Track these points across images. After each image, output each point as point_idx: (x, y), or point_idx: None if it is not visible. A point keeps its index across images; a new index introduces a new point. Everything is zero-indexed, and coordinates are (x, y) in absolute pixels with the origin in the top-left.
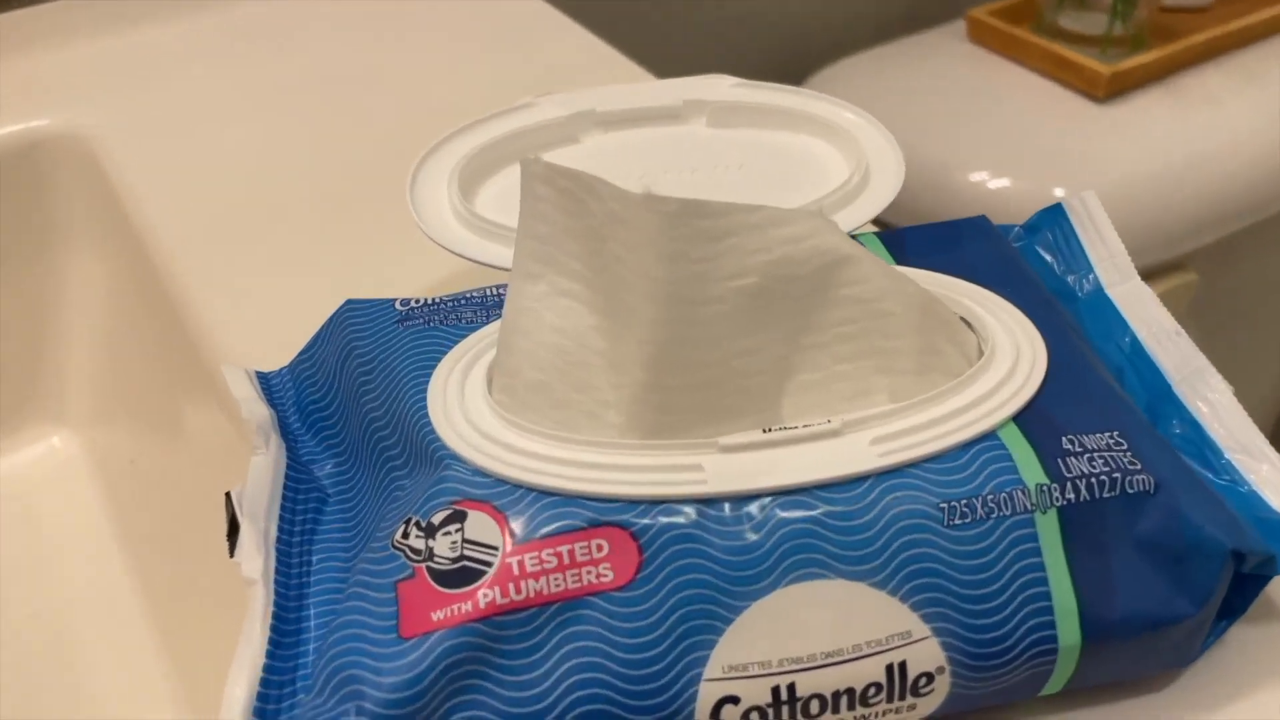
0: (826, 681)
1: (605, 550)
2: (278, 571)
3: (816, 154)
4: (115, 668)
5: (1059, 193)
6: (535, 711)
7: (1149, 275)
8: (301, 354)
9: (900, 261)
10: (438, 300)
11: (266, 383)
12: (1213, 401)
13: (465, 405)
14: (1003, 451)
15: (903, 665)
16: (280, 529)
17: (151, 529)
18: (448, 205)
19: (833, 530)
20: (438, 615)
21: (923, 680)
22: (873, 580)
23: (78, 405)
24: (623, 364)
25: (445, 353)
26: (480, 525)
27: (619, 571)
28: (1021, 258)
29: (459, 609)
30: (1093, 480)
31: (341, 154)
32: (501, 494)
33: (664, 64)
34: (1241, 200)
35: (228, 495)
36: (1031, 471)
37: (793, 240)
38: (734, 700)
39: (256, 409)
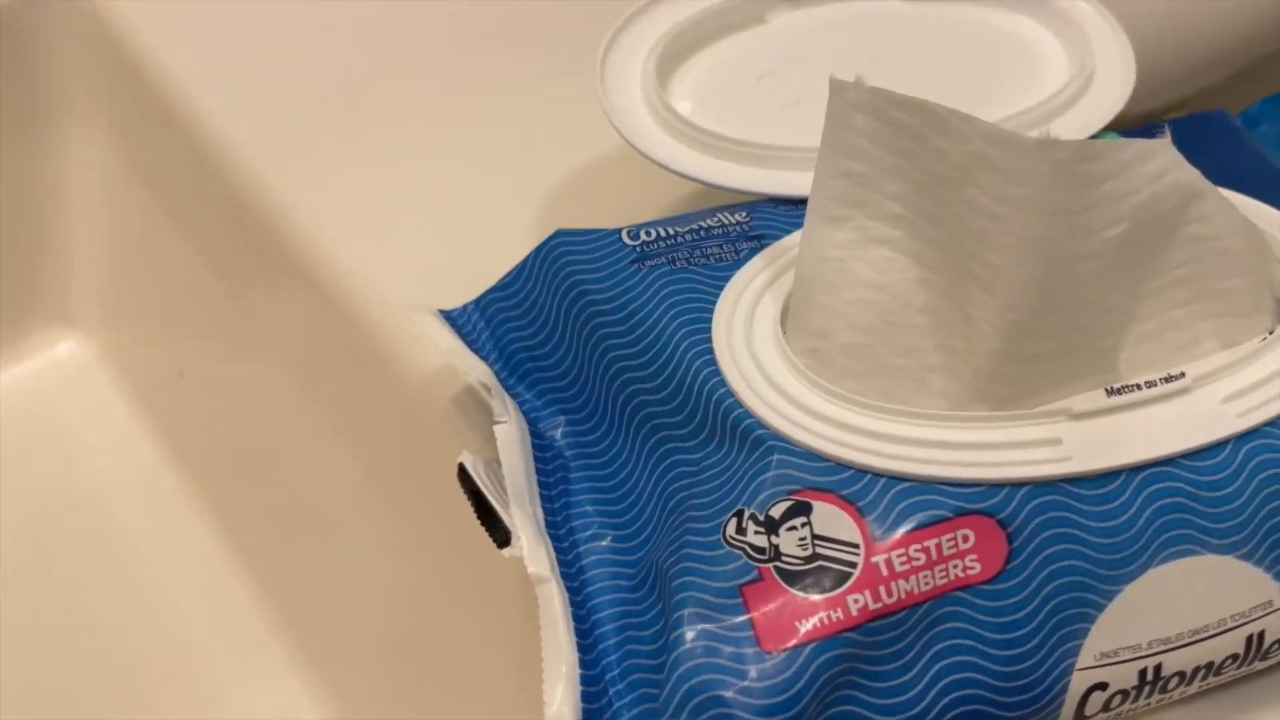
0: (1189, 658)
1: (971, 541)
2: (560, 562)
3: (1032, 41)
4: (185, 587)
5: None
6: (909, 718)
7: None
8: (496, 290)
9: None
10: (672, 232)
11: (453, 324)
12: None
13: (768, 373)
14: None
15: (1260, 635)
16: (545, 509)
17: (209, 445)
18: (643, 107)
19: (1202, 503)
20: (805, 625)
21: (1276, 646)
22: (1241, 552)
23: (87, 307)
24: (967, 328)
25: (710, 301)
26: (830, 519)
27: (986, 563)
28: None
29: (830, 617)
30: None
31: (425, 18)
32: (847, 481)
33: None
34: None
35: (461, 467)
36: None
37: (1156, 177)
38: (1102, 687)
39: (474, 365)
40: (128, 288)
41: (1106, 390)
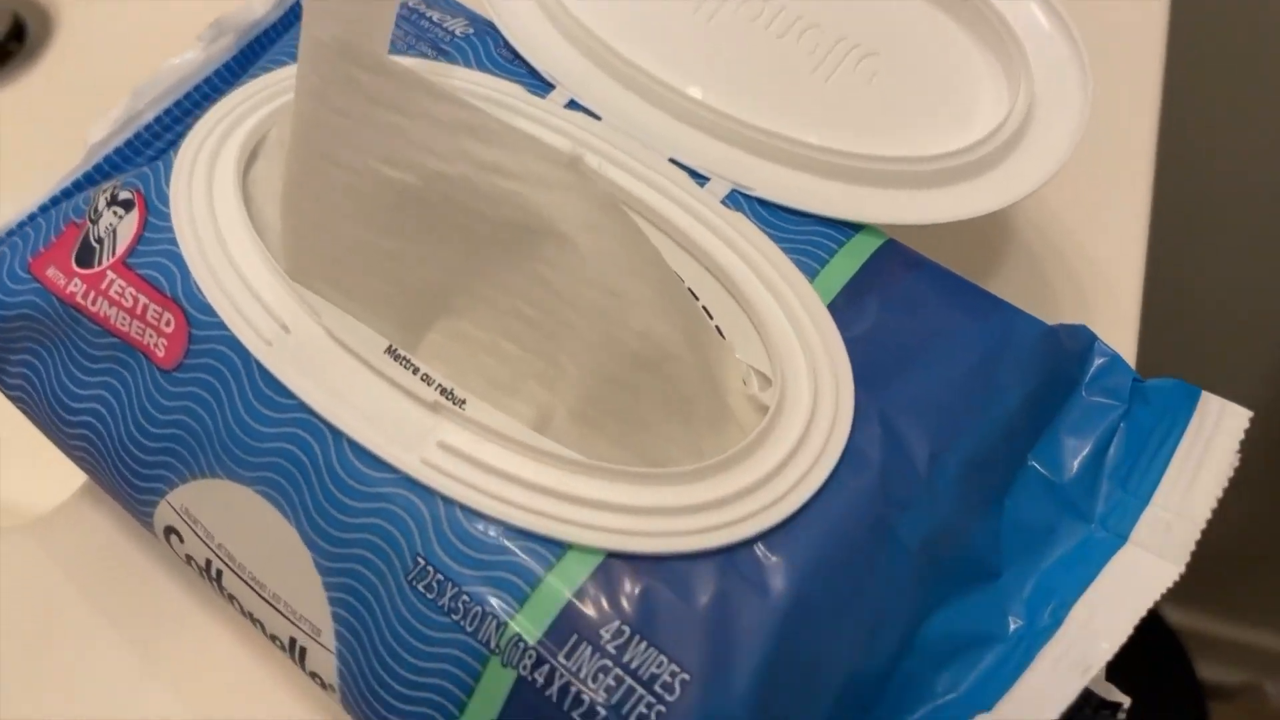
0: (247, 597)
1: (171, 326)
2: (121, 147)
3: (974, 70)
4: None
5: None
6: (61, 404)
7: None
8: None
9: (857, 292)
10: (406, 10)
11: None
12: None
13: (223, 130)
14: (536, 571)
15: (303, 650)
16: (158, 119)
17: None
18: None
19: (323, 488)
20: (49, 271)
21: (315, 677)
22: (316, 551)
23: None
24: None
25: None
26: (126, 228)
27: (169, 352)
28: (1000, 416)
29: (56, 279)
30: (572, 689)
31: None
32: (155, 225)
33: None
34: None
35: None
36: (532, 620)
37: (494, 169)
38: (180, 537)
39: (253, 9)
40: None
41: (388, 347)
